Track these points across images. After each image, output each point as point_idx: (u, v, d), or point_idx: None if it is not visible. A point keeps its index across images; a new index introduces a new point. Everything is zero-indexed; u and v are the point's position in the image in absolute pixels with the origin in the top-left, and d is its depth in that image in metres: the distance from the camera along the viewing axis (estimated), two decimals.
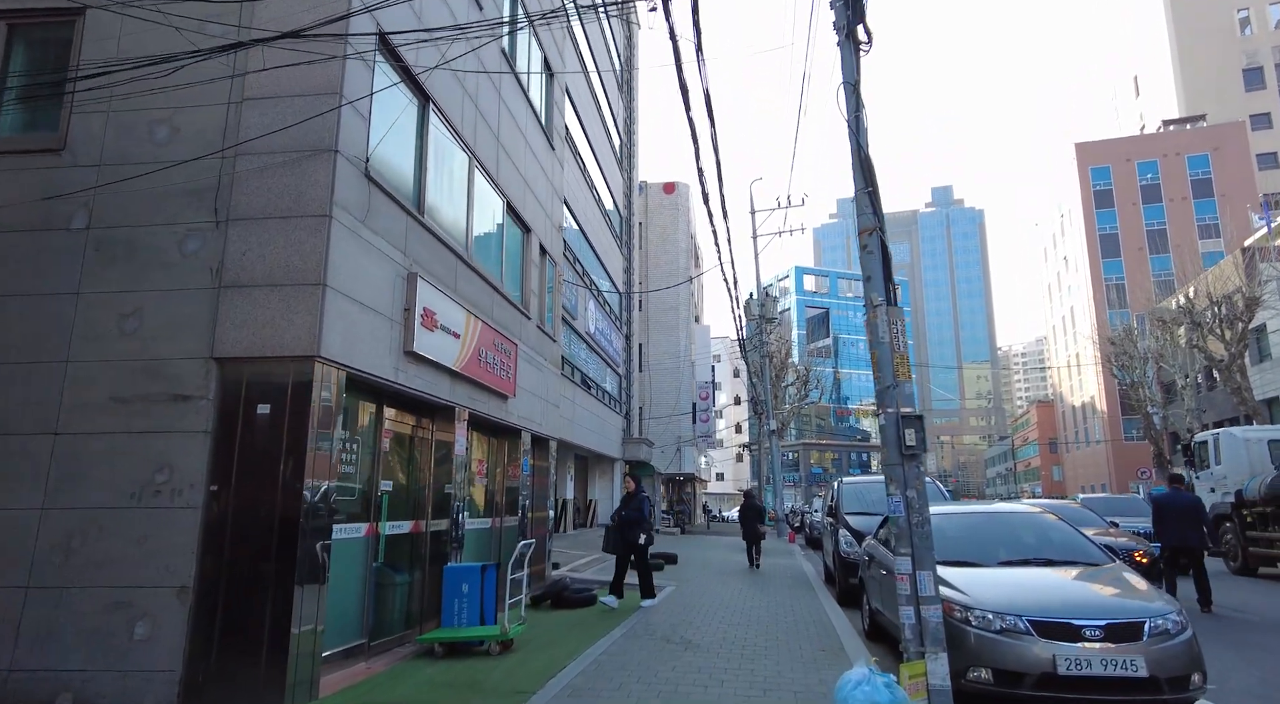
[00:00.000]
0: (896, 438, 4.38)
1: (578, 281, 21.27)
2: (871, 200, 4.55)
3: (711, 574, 13.77)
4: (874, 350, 4.49)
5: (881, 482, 12.78)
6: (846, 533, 11.05)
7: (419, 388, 6.98)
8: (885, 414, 4.41)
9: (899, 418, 4.36)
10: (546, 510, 11.73)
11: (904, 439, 4.30)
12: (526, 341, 10.65)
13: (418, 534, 7.67)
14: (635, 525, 9.76)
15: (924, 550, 4.23)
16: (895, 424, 4.37)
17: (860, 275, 4.68)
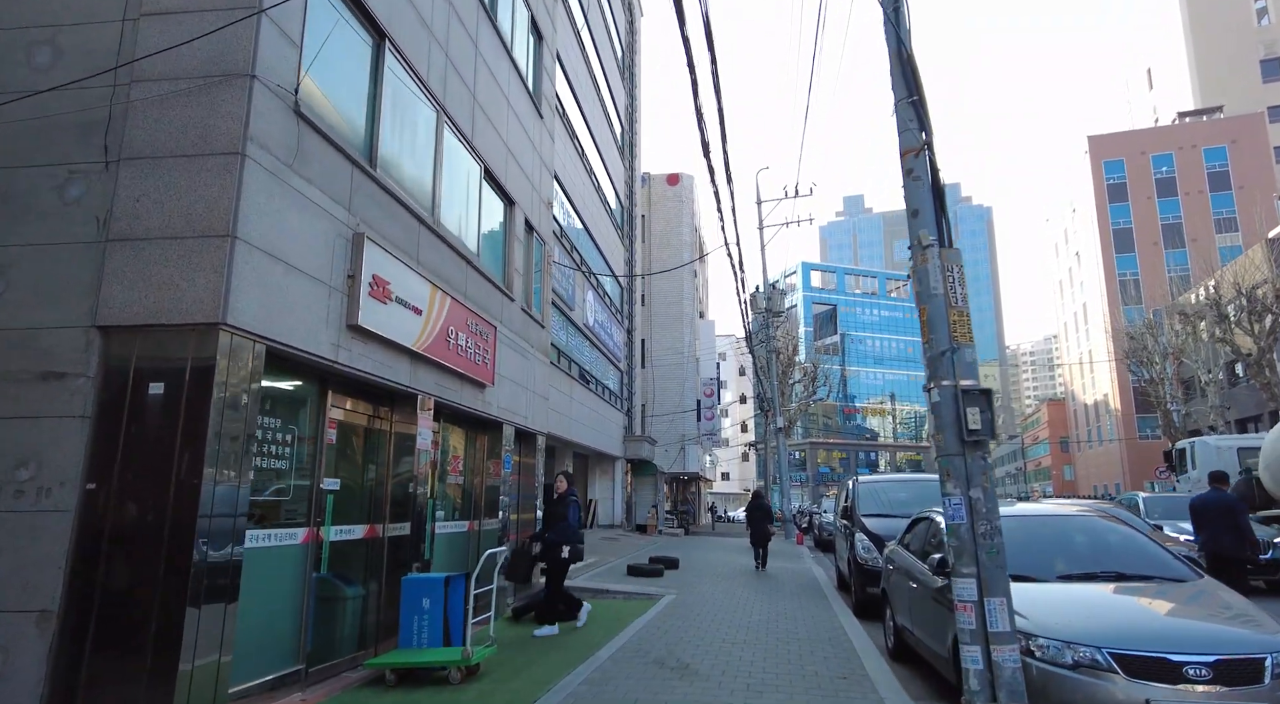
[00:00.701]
0: (956, 419, 3.33)
1: (575, 269, 20.24)
2: (917, 111, 3.53)
3: (715, 580, 12.74)
4: (922, 305, 3.45)
5: (901, 480, 11.70)
6: (863, 537, 10.00)
7: (367, 370, 5.95)
8: (940, 388, 3.37)
9: (958, 393, 3.31)
10: (535, 512, 10.71)
11: (965, 421, 3.25)
12: (509, 325, 9.63)
13: (373, 540, 6.65)
14: (555, 546, 8.11)
15: (995, 570, 3.20)
16: (954, 401, 3.33)
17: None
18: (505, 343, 9.38)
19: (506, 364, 9.43)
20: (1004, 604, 3.19)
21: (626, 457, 28.01)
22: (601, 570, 13.41)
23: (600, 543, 19.76)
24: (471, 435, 9.19)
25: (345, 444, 6.45)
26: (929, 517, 6.74)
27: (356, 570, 6.56)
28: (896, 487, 11.45)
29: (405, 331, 6.47)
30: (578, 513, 8.25)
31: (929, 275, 3.41)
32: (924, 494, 11.13)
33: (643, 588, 11.24)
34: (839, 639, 7.61)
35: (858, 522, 10.45)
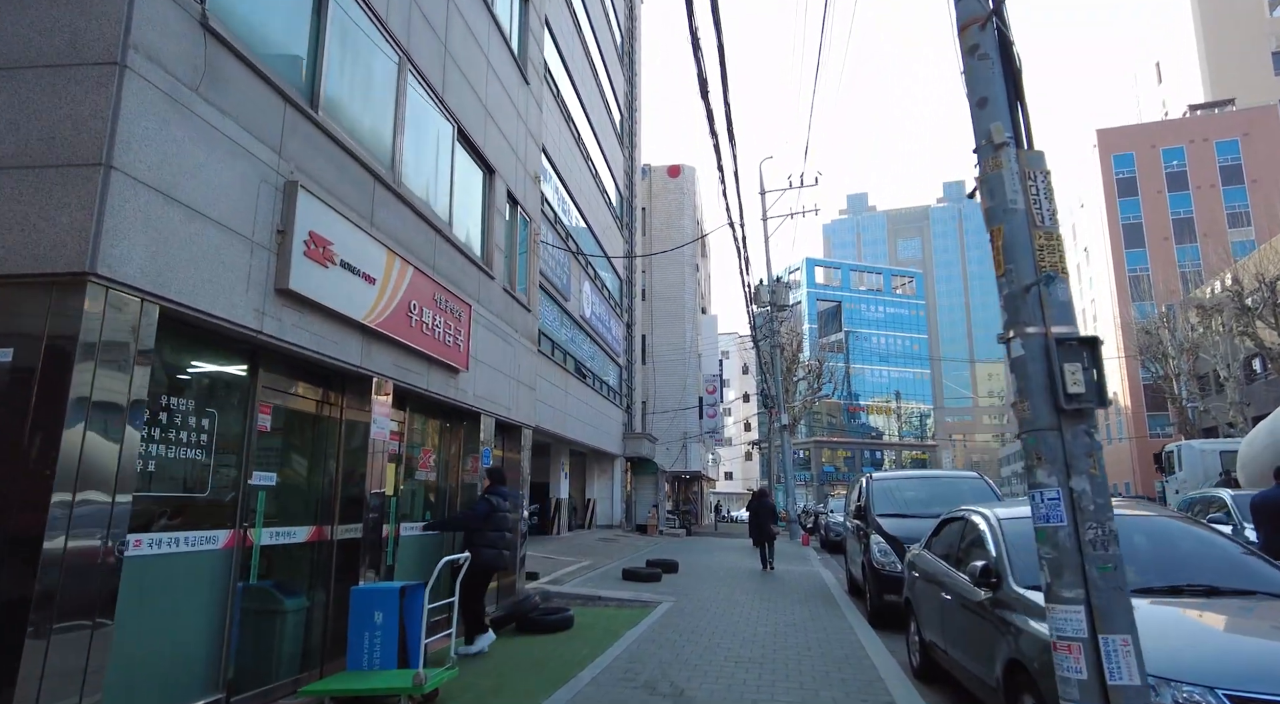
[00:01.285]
0: (1047, 380, 2.40)
1: (569, 257, 19.33)
2: None
3: (717, 585, 11.82)
4: (995, 226, 2.54)
5: (918, 477, 10.75)
6: (879, 539, 9.08)
7: (304, 344, 5.05)
8: (1023, 338, 2.44)
9: (1050, 344, 2.39)
10: (519, 511, 9.79)
11: (1061, 382, 2.33)
12: (488, 306, 8.73)
13: (319, 543, 5.75)
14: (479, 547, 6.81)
15: (1111, 593, 2.28)
16: (1044, 355, 2.40)
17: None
18: (483, 325, 8.47)
19: (485, 348, 8.52)
20: (1128, 645, 2.27)
21: (626, 455, 27.11)
22: (594, 575, 12.51)
23: (597, 544, 18.86)
24: (445, 427, 8.29)
25: (284, 433, 5.54)
26: (963, 517, 5.82)
27: (299, 579, 5.66)
28: (913, 484, 10.54)
29: (354, 302, 5.57)
30: (485, 509, 6.87)
31: (1004, 184, 2.50)
32: (943, 492, 10.22)
33: (637, 594, 10.33)
34: (857, 656, 6.69)
35: (873, 522, 9.53)
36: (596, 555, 15.92)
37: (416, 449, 7.62)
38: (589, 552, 16.63)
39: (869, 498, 10.06)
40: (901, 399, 76.88)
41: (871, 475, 10.75)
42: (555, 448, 21.73)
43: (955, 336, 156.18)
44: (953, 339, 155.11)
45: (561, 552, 15.97)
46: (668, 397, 35.23)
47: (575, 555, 15.41)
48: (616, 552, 17.43)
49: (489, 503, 6.92)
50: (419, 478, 7.61)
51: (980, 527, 5.21)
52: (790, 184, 29.49)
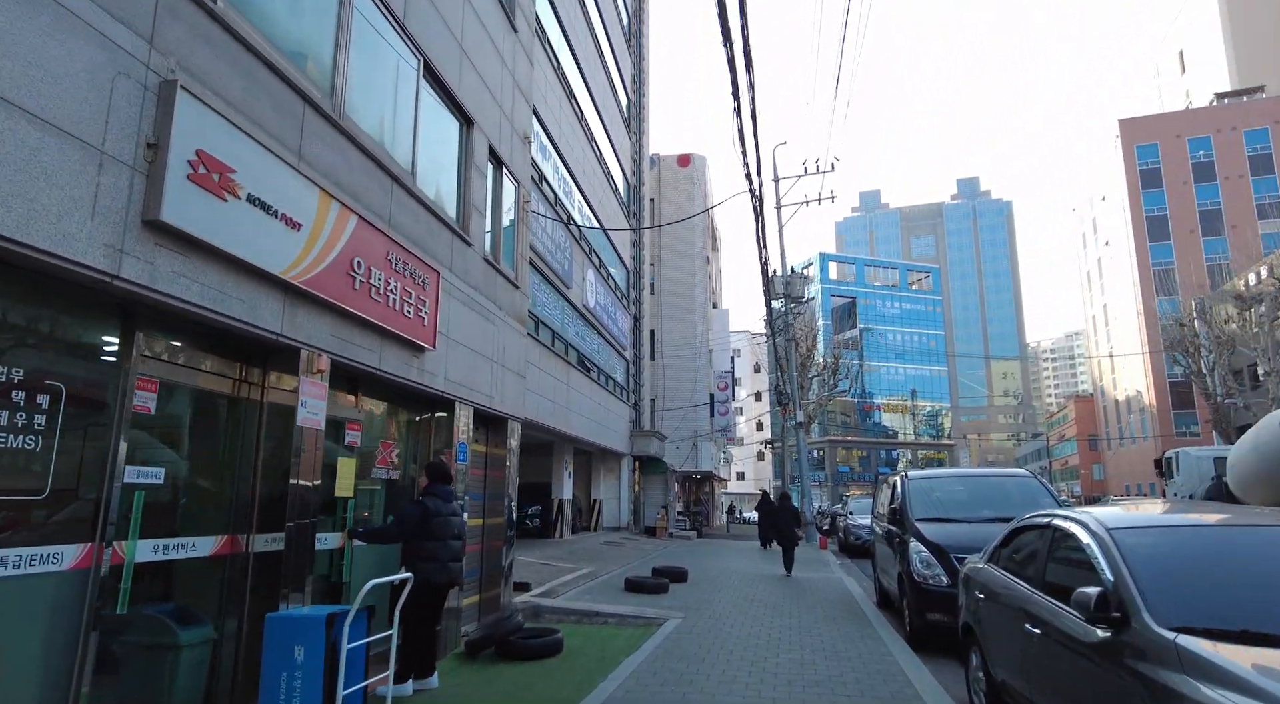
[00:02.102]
0: None
1: (571, 242, 18.13)
2: None
3: (730, 597, 10.57)
4: None
5: (961, 476, 9.42)
6: (920, 548, 7.81)
7: (191, 299, 3.86)
8: None
9: None
10: (504, 515, 8.59)
11: None
12: (465, 277, 7.53)
13: (232, 557, 4.56)
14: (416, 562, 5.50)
15: None
16: None
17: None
18: (457, 298, 7.27)
19: (460, 325, 7.32)
20: None
21: (633, 453, 25.90)
22: (594, 585, 11.28)
23: (602, 549, 17.65)
24: (411, 417, 7.09)
25: (179, 417, 4.37)
26: (1046, 524, 4.55)
27: (205, 603, 4.47)
28: (955, 484, 9.25)
29: (271, 250, 4.37)
30: (418, 513, 5.51)
31: None
32: (990, 493, 8.96)
33: (640, 609, 9.10)
34: (905, 697, 5.43)
35: (911, 528, 8.26)
36: (599, 561, 14.70)
37: (375, 443, 6.42)
38: (591, 557, 15.42)
39: (905, 500, 8.78)
40: (917, 397, 75.26)
41: (906, 474, 9.47)
42: (558, 445, 20.55)
43: (970, 335, 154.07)
44: (968, 338, 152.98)
45: (561, 557, 14.76)
46: (677, 394, 33.99)
47: (575, 562, 14.20)
48: (621, 557, 16.21)
49: (423, 507, 5.63)
50: (377, 475, 6.41)
51: (1081, 538, 3.94)
52: (805, 170, 28.20)
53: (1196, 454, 18.88)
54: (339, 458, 5.62)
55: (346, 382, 5.89)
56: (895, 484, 9.63)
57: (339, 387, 5.79)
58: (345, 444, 5.78)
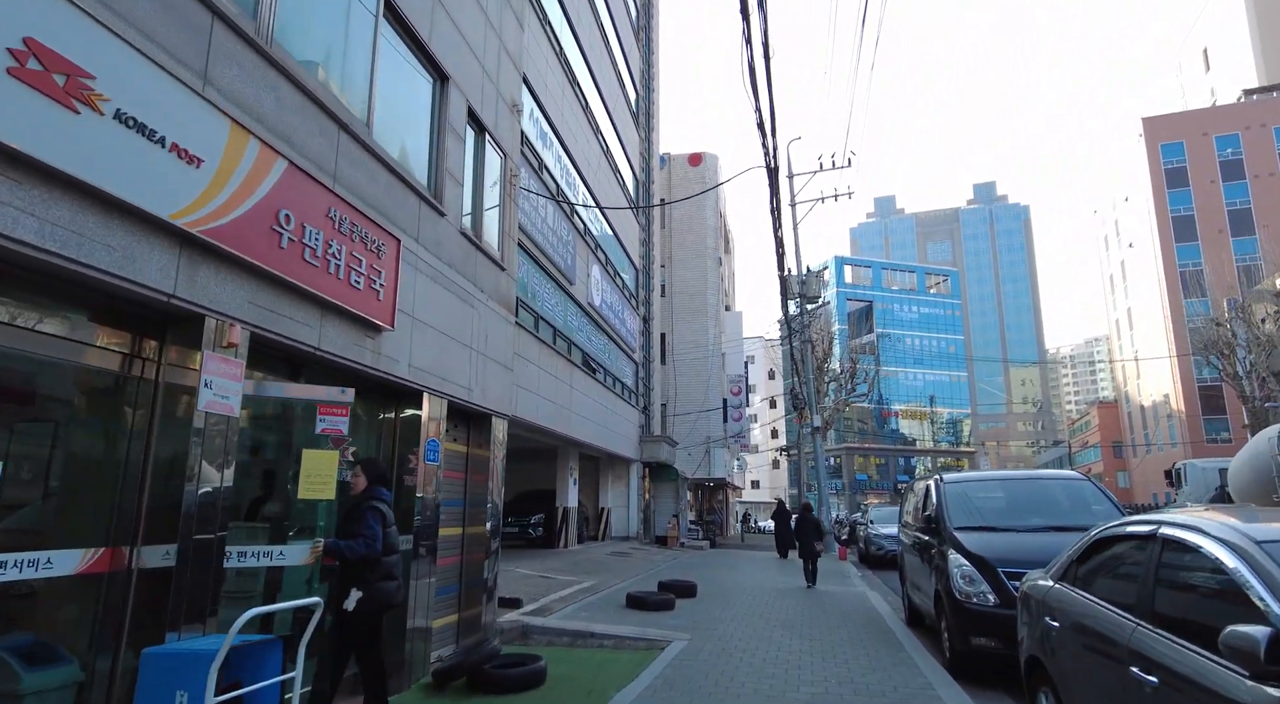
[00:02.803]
0: None
1: (575, 236, 17.22)
2: None
3: (743, 614, 9.53)
4: None
5: (1003, 479, 8.30)
6: (961, 561, 6.75)
7: (23, 239, 2.93)
8: None
9: None
10: (486, 523, 7.62)
11: None
12: (437, 250, 6.60)
13: (107, 577, 3.62)
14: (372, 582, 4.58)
15: None
16: None
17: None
18: (426, 273, 6.34)
19: (430, 305, 6.38)
20: None
21: (643, 459, 24.88)
22: (594, 600, 10.29)
23: (608, 560, 16.64)
24: (371, 409, 6.15)
25: (26, 399, 3.45)
26: (1155, 533, 3.51)
27: (73, 635, 3.54)
28: (998, 488, 8.17)
29: (155, 187, 3.45)
30: (375, 527, 4.57)
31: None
32: (1039, 498, 7.90)
33: (641, 630, 8.09)
34: None
35: (949, 538, 7.21)
36: (602, 574, 13.70)
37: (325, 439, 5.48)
38: (595, 569, 14.42)
39: (941, 506, 7.73)
40: (936, 404, 73.69)
41: (941, 477, 8.41)
42: (562, 451, 19.59)
43: (988, 341, 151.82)
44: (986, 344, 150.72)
45: (561, 569, 13.77)
46: (689, 398, 32.98)
47: (577, 574, 13.20)
48: (627, 569, 15.19)
49: (379, 514, 4.68)
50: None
51: (1214, 555, 2.92)
52: (820, 166, 27.21)
53: (1202, 465, 20.71)
54: (313, 450, 4.66)
55: (286, 364, 4.97)
56: (928, 489, 8.58)
57: (276, 371, 4.87)
58: (321, 434, 4.80)
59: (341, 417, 4.63)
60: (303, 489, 4.42)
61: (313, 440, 4.83)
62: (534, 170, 14.63)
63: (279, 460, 5.17)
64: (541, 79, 15.18)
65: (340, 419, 4.63)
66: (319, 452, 4.58)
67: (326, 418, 4.60)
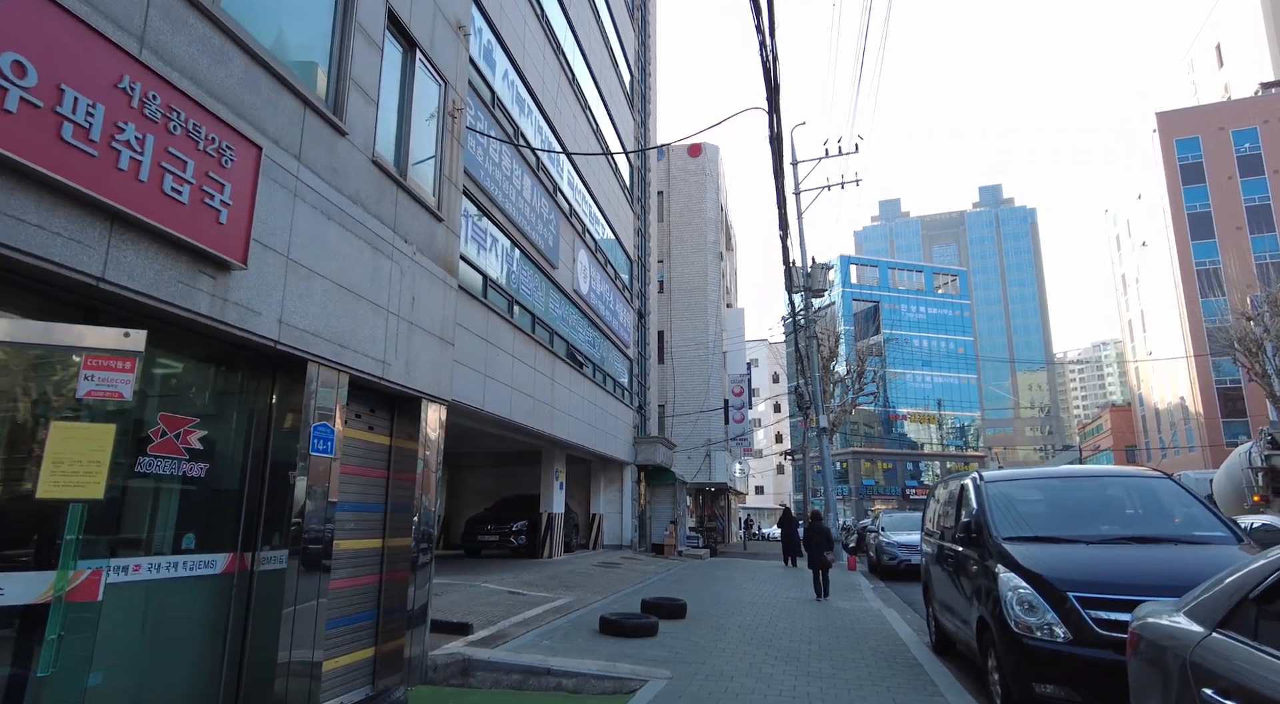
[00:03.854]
0: None
1: (559, 216, 15.72)
2: None
3: (739, 641, 7.97)
4: None
5: (1064, 479, 5.74)
6: (1017, 582, 5.19)
7: None
8: None
9: None
10: (412, 532, 6.07)
11: None
12: (332, 177, 5.09)
13: None
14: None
15: None
16: None
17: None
18: (313, 204, 4.83)
19: (320, 247, 4.87)
20: None
21: (638, 462, 23.32)
22: (564, 624, 8.73)
23: (593, 572, 15.08)
24: (232, 380, 4.62)
25: None
26: None
27: None
28: (1053, 489, 6.56)
29: None
30: None
31: None
32: (1108, 501, 6.35)
33: (611, 664, 6.53)
34: None
35: (996, 551, 5.65)
36: (582, 589, 12.14)
37: (151, 412, 3.95)
38: (576, 583, 12.87)
39: (984, 510, 6.16)
40: (944, 407, 71.91)
41: (981, 476, 6.84)
42: (547, 452, 18.07)
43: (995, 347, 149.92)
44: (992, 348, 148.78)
45: (537, 583, 12.22)
46: (689, 399, 31.43)
47: (554, 589, 11.65)
48: (612, 582, 13.62)
49: None
50: (161, 470, 3.93)
51: None
52: (826, 152, 25.70)
53: (1195, 477, 21.90)
54: (69, 423, 3.13)
55: (76, 308, 3.46)
56: (964, 490, 7.01)
57: (56, 313, 3.36)
58: (85, 398, 3.27)
59: (121, 373, 3.10)
60: (46, 484, 2.89)
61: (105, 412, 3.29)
62: (508, 136, 13.15)
63: None
64: (519, 39, 13.73)
65: (120, 377, 3.10)
66: (81, 426, 3.05)
67: (96, 375, 3.07)
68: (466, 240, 11.36)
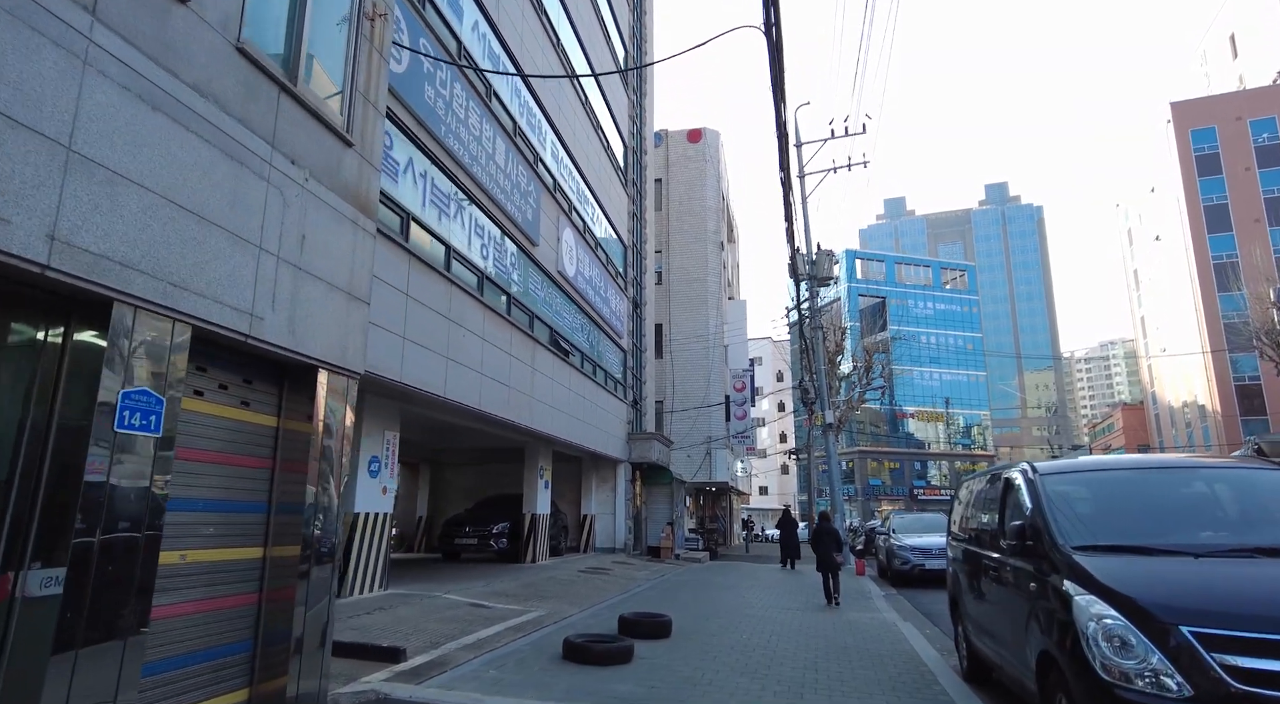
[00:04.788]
0: None
1: (539, 187, 14.35)
2: None
3: (730, 669, 6.58)
4: None
5: (1150, 469, 5.21)
6: (1099, 608, 3.78)
7: None
8: None
9: None
10: (300, 539, 4.71)
11: None
12: (162, 55, 3.74)
13: None
14: None
15: None
16: None
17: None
18: (117, 79, 3.47)
19: (134, 144, 3.51)
20: None
21: (632, 460, 21.93)
22: (521, 646, 7.34)
23: (577, 579, 13.70)
24: (8, 324, 3.26)
25: None
26: None
27: None
28: (1133, 484, 5.13)
29: None
30: None
31: None
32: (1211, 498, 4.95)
33: None
34: None
35: (1065, 565, 4.25)
36: (560, 599, 10.76)
37: None
38: (555, 592, 11.50)
39: (1043, 511, 4.75)
40: (952, 406, 70.31)
41: (1034, 468, 5.44)
42: (531, 449, 16.70)
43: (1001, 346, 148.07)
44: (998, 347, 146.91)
45: (509, 593, 10.86)
46: (689, 395, 30.03)
47: (525, 600, 10.28)
48: (595, 591, 12.24)
49: None
50: None
51: None
52: (832, 133, 24.30)
53: None
54: None
55: None
56: (1011, 485, 5.60)
57: None
58: None
59: None
60: None
61: None
62: (481, 98, 11.80)
63: None
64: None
65: None
66: None
67: None
68: (425, 204, 10.00)
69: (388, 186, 9.12)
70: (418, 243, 9.70)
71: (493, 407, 11.74)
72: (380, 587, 10.12)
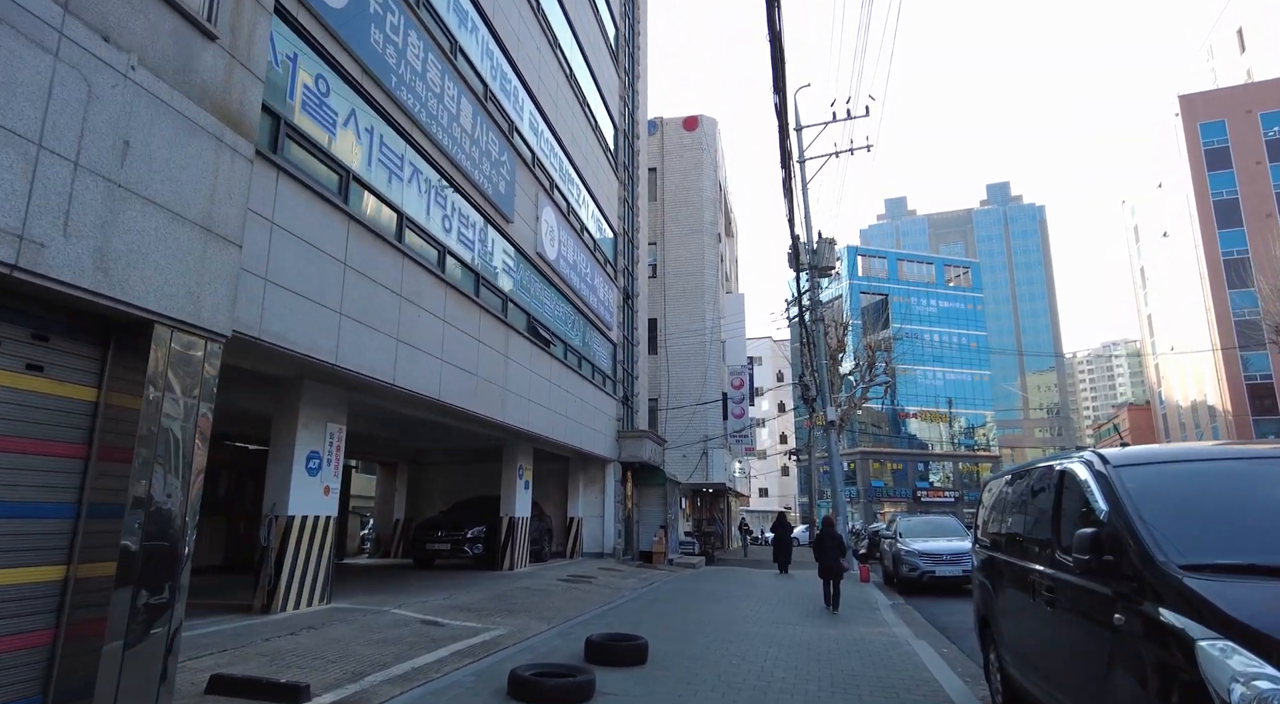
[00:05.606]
0: None
1: (515, 159, 13.12)
2: None
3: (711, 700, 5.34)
4: None
5: (1259, 459, 4.22)
6: (1246, 662, 2.54)
7: None
8: None
9: None
10: (118, 552, 3.48)
11: None
12: None
13: None
14: None
15: None
16: None
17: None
18: None
19: None
20: None
21: (622, 459, 20.68)
22: (463, 676, 6.09)
23: (554, 589, 12.45)
24: None
25: None
26: None
27: None
28: (1246, 478, 3.87)
29: None
30: None
31: None
32: None
33: None
34: None
35: (1171, 591, 3.01)
36: (530, 613, 9.50)
37: None
38: (525, 605, 10.24)
39: (1128, 516, 3.52)
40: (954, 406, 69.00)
41: (1106, 458, 4.20)
42: (510, 446, 15.47)
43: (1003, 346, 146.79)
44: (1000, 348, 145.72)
45: (471, 607, 9.61)
46: (684, 393, 28.79)
47: (488, 616, 9.03)
48: (573, 603, 10.97)
49: None
50: None
51: None
52: (834, 116, 23.08)
53: None
54: None
55: None
56: (1072, 480, 4.37)
57: None
58: None
59: None
60: None
61: None
62: (444, 53, 10.58)
63: None
64: None
65: None
66: None
67: None
68: (370, 162, 8.77)
69: (322, 139, 7.89)
70: (360, 207, 8.47)
71: (456, 398, 10.51)
72: (321, 600, 8.88)
